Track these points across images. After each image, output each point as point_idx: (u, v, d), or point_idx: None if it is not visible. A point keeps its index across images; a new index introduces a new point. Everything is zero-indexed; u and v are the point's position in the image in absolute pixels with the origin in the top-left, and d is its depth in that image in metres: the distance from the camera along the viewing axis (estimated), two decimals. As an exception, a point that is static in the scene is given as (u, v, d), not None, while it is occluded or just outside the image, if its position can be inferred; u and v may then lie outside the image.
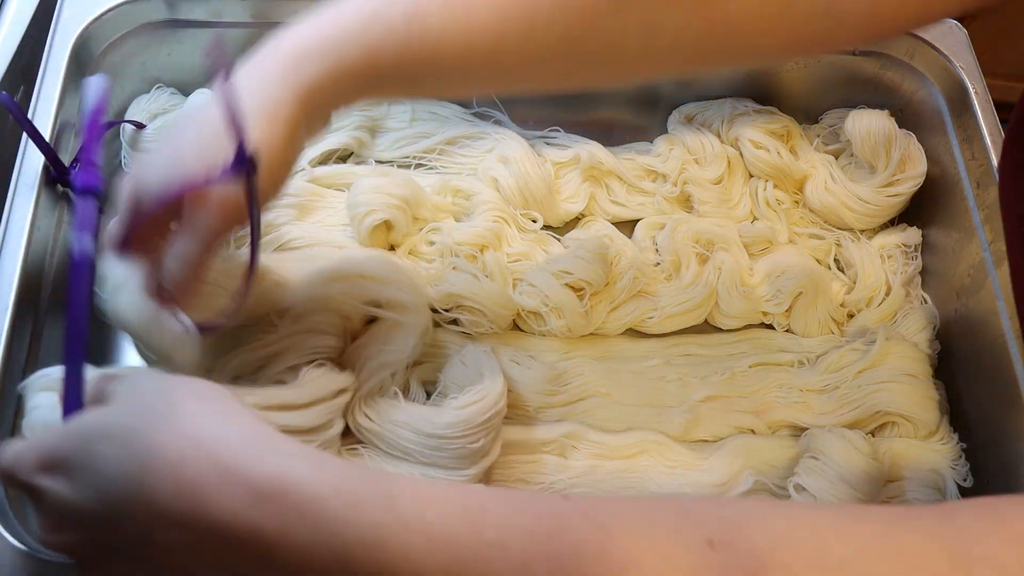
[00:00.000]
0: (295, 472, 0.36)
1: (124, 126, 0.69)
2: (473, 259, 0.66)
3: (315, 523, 0.35)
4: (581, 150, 0.73)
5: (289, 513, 0.35)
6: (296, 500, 0.35)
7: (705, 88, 0.78)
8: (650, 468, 0.62)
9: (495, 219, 0.69)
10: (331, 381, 0.57)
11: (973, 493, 0.65)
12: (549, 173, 0.72)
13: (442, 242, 0.67)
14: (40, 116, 0.61)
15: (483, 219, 0.68)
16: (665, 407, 0.65)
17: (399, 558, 0.34)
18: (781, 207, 0.74)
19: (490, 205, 0.69)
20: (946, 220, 0.73)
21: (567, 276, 0.66)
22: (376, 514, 0.35)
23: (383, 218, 0.66)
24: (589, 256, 0.67)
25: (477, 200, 0.70)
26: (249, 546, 0.35)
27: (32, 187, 0.59)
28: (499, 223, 0.69)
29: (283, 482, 0.35)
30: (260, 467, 0.36)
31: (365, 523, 0.35)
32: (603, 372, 0.66)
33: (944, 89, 0.73)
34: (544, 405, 0.64)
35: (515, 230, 0.70)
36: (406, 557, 0.34)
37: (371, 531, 0.35)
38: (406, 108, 0.74)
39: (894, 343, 0.66)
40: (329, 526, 0.35)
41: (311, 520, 0.35)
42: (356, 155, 0.74)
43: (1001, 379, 0.66)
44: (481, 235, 0.67)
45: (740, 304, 0.70)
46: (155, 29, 0.69)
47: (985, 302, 0.68)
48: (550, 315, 0.66)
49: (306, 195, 0.70)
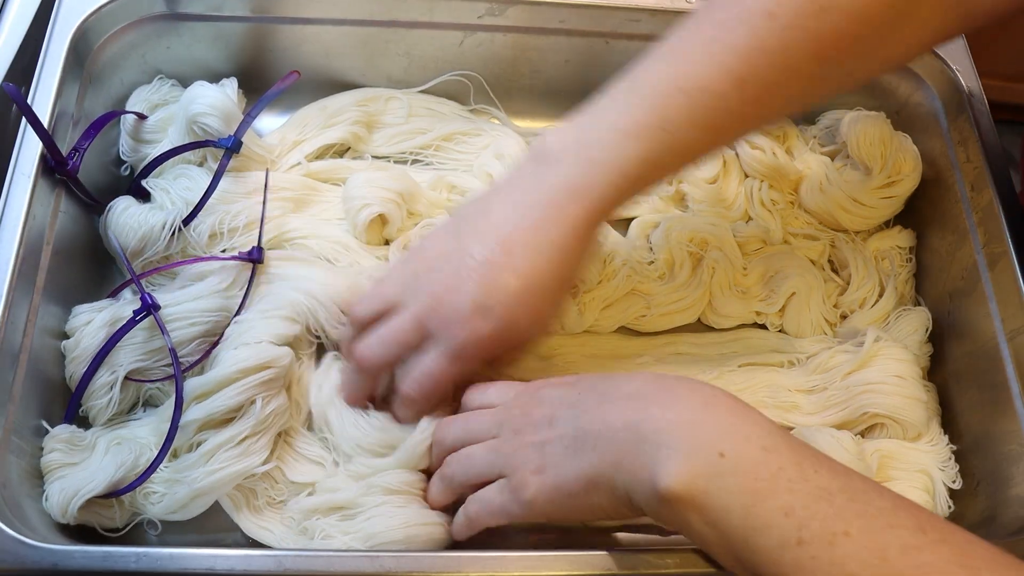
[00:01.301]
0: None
1: (124, 116, 0.70)
2: None
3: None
4: None
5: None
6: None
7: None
8: None
9: None
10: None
11: (962, 496, 0.65)
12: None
13: None
14: (38, 107, 0.62)
15: None
16: None
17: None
18: (776, 207, 0.74)
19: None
20: (940, 222, 0.73)
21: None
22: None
23: (378, 211, 0.67)
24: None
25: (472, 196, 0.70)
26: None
27: (29, 176, 0.60)
28: None
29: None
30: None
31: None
32: (595, 370, 0.66)
33: (940, 92, 0.74)
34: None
35: None
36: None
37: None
38: (403, 104, 0.74)
39: (883, 344, 0.66)
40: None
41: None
42: (353, 150, 0.74)
43: (992, 382, 0.66)
44: None
45: (734, 304, 0.70)
46: (154, 22, 0.69)
47: (978, 304, 0.68)
48: None
49: (302, 189, 0.70)
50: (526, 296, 0.54)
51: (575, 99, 0.77)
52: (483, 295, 0.53)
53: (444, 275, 0.54)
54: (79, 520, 0.55)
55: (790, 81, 0.52)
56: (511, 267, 0.53)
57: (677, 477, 0.44)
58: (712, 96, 0.51)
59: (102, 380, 0.59)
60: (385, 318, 0.57)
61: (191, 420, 0.57)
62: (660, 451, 0.46)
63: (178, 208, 0.65)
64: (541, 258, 0.53)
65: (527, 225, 0.53)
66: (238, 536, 0.59)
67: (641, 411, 0.48)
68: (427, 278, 0.55)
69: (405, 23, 0.72)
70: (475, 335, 0.54)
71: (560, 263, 0.54)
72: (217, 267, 0.63)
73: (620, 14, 0.72)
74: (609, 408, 0.49)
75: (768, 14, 0.50)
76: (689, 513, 0.45)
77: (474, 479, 0.54)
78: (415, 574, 0.51)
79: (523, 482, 0.50)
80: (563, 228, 0.53)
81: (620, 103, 0.53)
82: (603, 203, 0.53)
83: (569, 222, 0.53)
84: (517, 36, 0.73)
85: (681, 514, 0.45)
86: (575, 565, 0.53)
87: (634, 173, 0.52)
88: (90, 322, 0.60)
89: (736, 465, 0.44)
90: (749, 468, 0.44)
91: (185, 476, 0.56)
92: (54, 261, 0.61)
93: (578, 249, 0.54)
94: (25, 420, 0.56)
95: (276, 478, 0.59)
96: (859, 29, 0.51)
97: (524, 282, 0.53)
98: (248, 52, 0.73)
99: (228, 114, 0.67)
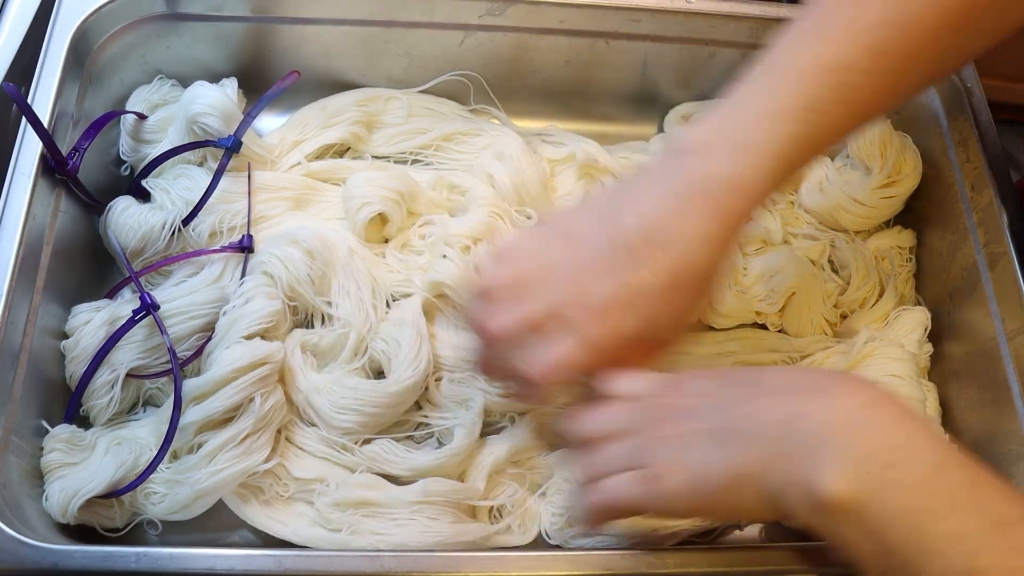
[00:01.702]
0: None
1: (124, 116, 0.70)
2: (467, 250, 0.66)
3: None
4: (576, 148, 0.73)
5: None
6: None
7: (703, 88, 0.78)
8: None
9: (490, 214, 0.69)
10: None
11: (962, 495, 0.65)
12: (544, 171, 0.72)
13: (436, 234, 0.67)
14: (38, 106, 0.62)
15: (478, 214, 0.69)
16: None
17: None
18: (776, 207, 0.74)
19: (485, 200, 0.69)
20: (940, 222, 0.73)
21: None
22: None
23: (378, 210, 0.67)
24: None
25: (472, 196, 0.70)
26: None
27: (29, 176, 0.60)
28: (494, 218, 0.69)
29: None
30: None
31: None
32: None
33: (940, 92, 0.73)
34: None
35: (509, 225, 0.70)
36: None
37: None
38: (403, 104, 0.74)
39: (878, 344, 0.66)
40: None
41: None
42: (353, 150, 0.74)
43: (992, 381, 0.66)
44: (476, 229, 0.67)
45: (733, 303, 0.70)
46: (154, 22, 0.69)
47: (978, 304, 0.68)
48: None
49: (302, 189, 0.70)
50: (671, 293, 0.51)
51: (575, 99, 0.79)
52: (627, 289, 0.50)
53: (586, 261, 0.52)
54: (79, 520, 0.55)
55: (925, 54, 0.51)
56: (659, 261, 0.50)
57: (840, 484, 0.42)
58: (856, 73, 0.50)
59: (102, 379, 0.59)
60: (518, 295, 0.53)
61: (190, 422, 0.57)
62: (820, 453, 0.43)
63: (178, 208, 0.65)
64: (690, 253, 0.50)
65: (677, 217, 0.50)
66: (239, 535, 0.59)
67: (796, 406, 0.45)
68: (568, 261, 0.52)
69: (405, 23, 0.72)
70: (615, 330, 0.51)
71: (709, 259, 0.51)
72: (212, 260, 0.64)
73: (620, 14, 0.72)
74: (760, 402, 0.47)
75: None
76: (847, 524, 0.42)
77: (612, 470, 0.51)
78: (415, 574, 0.51)
79: (659, 474, 0.48)
80: (715, 220, 0.50)
81: (764, 88, 0.51)
82: (758, 192, 0.51)
83: (722, 214, 0.50)
84: (517, 36, 0.73)
85: (838, 524, 0.42)
86: (575, 565, 0.53)
87: (788, 157, 0.50)
88: (89, 321, 0.60)
89: (904, 479, 0.41)
90: (918, 484, 0.41)
91: (187, 477, 0.56)
92: (54, 261, 0.61)
93: (729, 243, 0.51)
94: (25, 420, 0.56)
95: (280, 475, 0.59)
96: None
97: (671, 278, 0.50)
98: (248, 52, 0.73)
99: (228, 114, 0.67)
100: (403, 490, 0.58)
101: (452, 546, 0.56)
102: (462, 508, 0.58)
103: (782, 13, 0.73)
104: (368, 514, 0.57)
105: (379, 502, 0.57)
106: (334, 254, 0.64)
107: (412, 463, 0.59)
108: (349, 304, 0.63)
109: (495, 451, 0.61)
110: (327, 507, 0.57)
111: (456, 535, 0.56)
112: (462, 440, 0.60)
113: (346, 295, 0.63)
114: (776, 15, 0.73)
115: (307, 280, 0.62)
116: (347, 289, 0.64)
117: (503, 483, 0.61)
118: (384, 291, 0.66)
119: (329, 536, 0.57)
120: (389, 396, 0.60)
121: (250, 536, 0.59)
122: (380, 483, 0.59)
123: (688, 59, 0.76)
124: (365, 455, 0.60)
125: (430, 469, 0.59)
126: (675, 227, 0.50)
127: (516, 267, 0.54)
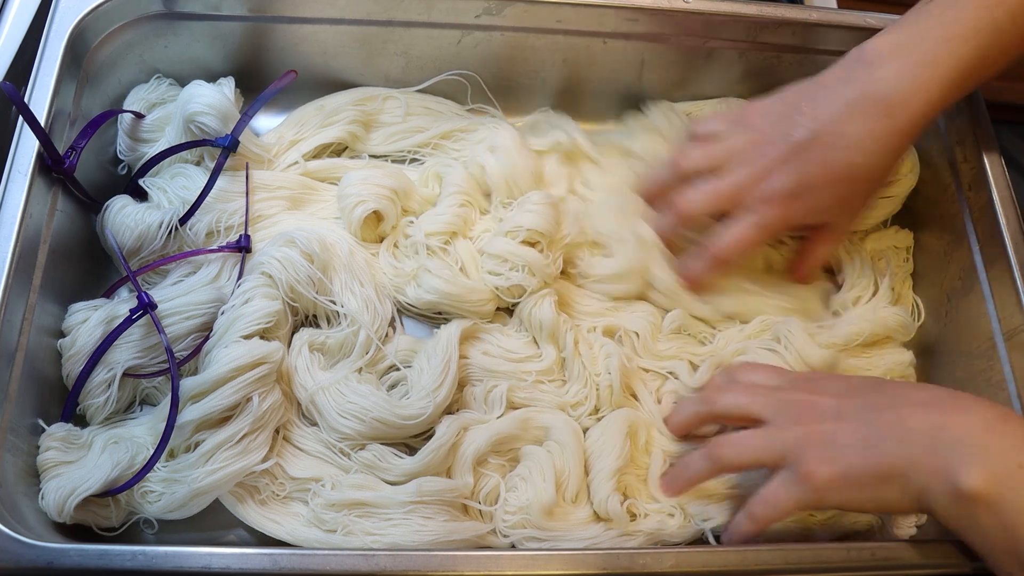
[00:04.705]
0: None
1: (121, 115, 0.70)
2: (444, 251, 0.66)
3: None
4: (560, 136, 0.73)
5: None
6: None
7: (701, 88, 0.78)
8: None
9: (461, 203, 0.69)
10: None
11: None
12: (537, 164, 0.71)
13: (414, 236, 0.67)
14: (35, 105, 0.62)
15: (449, 204, 0.68)
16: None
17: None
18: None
19: (456, 188, 0.69)
20: (937, 222, 0.73)
21: (520, 232, 0.65)
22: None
23: (373, 208, 0.67)
24: (536, 208, 0.66)
25: (444, 184, 0.70)
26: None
27: (26, 174, 0.60)
28: (466, 207, 0.69)
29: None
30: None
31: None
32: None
33: (938, 91, 0.73)
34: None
35: (478, 213, 0.70)
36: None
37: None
38: (400, 103, 0.74)
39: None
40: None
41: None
42: (350, 149, 0.74)
43: (990, 382, 0.66)
44: (450, 222, 0.67)
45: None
46: (151, 21, 0.69)
47: (975, 304, 0.68)
48: (516, 272, 0.65)
49: (299, 188, 0.70)
50: (841, 187, 0.60)
51: (573, 98, 0.78)
52: (801, 180, 0.60)
53: (773, 150, 0.61)
54: (75, 519, 0.55)
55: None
56: (829, 160, 0.59)
57: (979, 480, 0.48)
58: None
59: (99, 378, 0.59)
60: (710, 175, 0.63)
61: (188, 420, 0.57)
62: (962, 455, 0.49)
63: (175, 207, 0.65)
64: (860, 155, 0.58)
65: (855, 119, 0.57)
66: (235, 534, 0.59)
67: (940, 417, 0.52)
68: (756, 150, 0.61)
69: (402, 22, 0.72)
70: (788, 215, 0.61)
71: (876, 160, 0.59)
72: (210, 260, 0.64)
73: (618, 13, 0.72)
74: (906, 411, 0.53)
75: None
76: (984, 514, 0.48)
77: (747, 463, 0.57)
78: (411, 573, 0.51)
79: (812, 471, 0.53)
80: (889, 126, 0.57)
81: (947, 9, 0.57)
82: (932, 105, 0.57)
83: (895, 122, 0.57)
84: (514, 35, 0.73)
85: (975, 514, 0.49)
86: (570, 564, 0.53)
87: (965, 73, 0.56)
88: (86, 320, 0.61)
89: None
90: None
91: (184, 476, 0.56)
92: (51, 259, 0.61)
93: (900, 150, 0.60)
94: (21, 418, 0.57)
95: (276, 474, 0.59)
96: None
97: (843, 172, 0.59)
98: (245, 51, 0.73)
99: (225, 113, 0.67)
100: (397, 490, 0.58)
101: (447, 545, 0.56)
102: (455, 506, 0.58)
103: (780, 13, 0.73)
104: (363, 514, 0.57)
105: (373, 502, 0.57)
106: (333, 254, 0.64)
107: (403, 468, 0.59)
108: (355, 302, 0.63)
109: (476, 439, 0.60)
110: (322, 508, 0.57)
111: (450, 533, 0.56)
112: (444, 431, 0.59)
113: (351, 293, 0.64)
114: (774, 15, 0.73)
115: (307, 281, 0.62)
116: (351, 287, 0.64)
117: (486, 475, 0.61)
118: (386, 290, 0.66)
119: (324, 537, 0.57)
120: (395, 417, 0.60)
121: (245, 535, 0.59)
122: (374, 483, 0.59)
123: (685, 59, 0.76)
124: (358, 460, 0.60)
125: (419, 471, 0.59)
126: (854, 129, 0.58)
127: (710, 153, 0.64)
